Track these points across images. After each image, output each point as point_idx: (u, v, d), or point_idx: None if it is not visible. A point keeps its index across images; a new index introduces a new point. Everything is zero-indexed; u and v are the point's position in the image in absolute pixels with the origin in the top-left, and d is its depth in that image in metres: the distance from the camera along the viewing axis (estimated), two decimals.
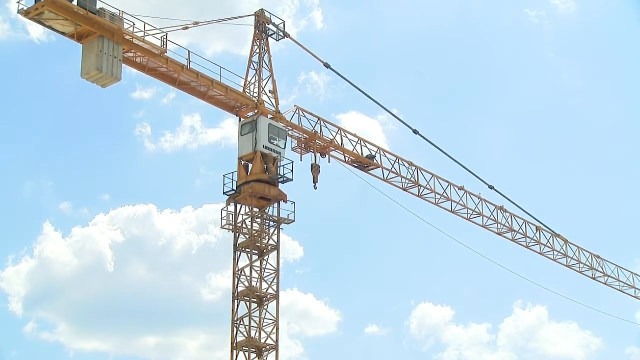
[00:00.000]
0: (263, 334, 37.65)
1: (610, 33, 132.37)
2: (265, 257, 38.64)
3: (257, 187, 37.92)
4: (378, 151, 43.00)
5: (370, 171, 42.90)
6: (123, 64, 35.53)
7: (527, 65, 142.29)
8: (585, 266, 49.41)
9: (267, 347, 37.65)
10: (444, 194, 44.53)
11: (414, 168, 43.68)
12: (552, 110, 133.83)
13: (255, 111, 39.18)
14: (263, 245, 38.58)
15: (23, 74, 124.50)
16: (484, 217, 46.11)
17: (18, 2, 33.08)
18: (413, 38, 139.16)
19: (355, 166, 42.72)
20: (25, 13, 32.99)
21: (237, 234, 38.70)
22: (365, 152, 42.57)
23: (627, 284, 51.86)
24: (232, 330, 37.58)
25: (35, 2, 32.60)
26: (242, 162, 39.00)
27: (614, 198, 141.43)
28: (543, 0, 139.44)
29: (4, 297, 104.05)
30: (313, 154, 40.70)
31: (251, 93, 39.70)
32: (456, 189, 45.06)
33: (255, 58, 40.45)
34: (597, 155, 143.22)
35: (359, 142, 42.44)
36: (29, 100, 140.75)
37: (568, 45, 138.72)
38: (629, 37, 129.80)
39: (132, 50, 35.75)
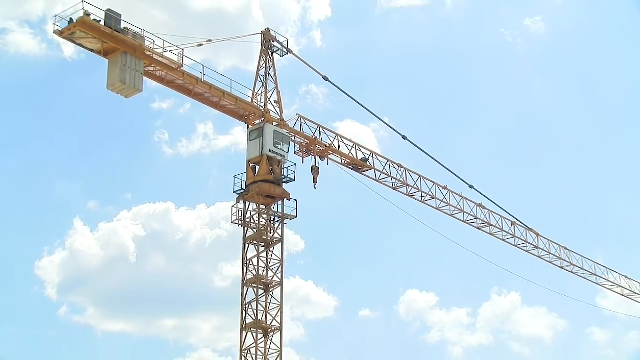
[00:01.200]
0: (269, 317, 37.79)
1: (575, 50, 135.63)
2: (271, 249, 38.76)
3: (263, 186, 38.04)
4: (371, 155, 42.95)
5: (364, 173, 42.87)
6: (144, 77, 35.50)
7: (503, 78, 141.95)
8: (554, 257, 49.56)
9: (273, 328, 37.74)
10: (430, 193, 44.54)
11: (403, 170, 43.69)
12: (526, 118, 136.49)
13: (262, 119, 39.27)
14: (269, 239, 38.71)
15: (57, 87, 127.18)
16: (465, 214, 46.20)
17: (54, 23, 33.45)
18: (402, 55, 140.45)
19: (351, 168, 42.70)
20: (60, 33, 33.36)
21: (246, 229, 38.80)
22: (360, 156, 42.51)
23: (590, 272, 51.94)
24: (242, 314, 37.73)
25: (68, 24, 32.93)
26: (250, 165, 39.05)
27: (579, 197, 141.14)
28: (516, 21, 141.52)
29: (40, 284, 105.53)
30: (313, 157, 40.69)
31: (258, 103, 39.78)
32: (440, 188, 45.07)
33: (262, 72, 40.47)
34: (565, 159, 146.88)
35: (354, 146, 42.43)
36: (62, 110, 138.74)
37: (538, 61, 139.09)
38: (591, 53, 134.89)
39: (152, 65, 35.79)
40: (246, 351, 37.29)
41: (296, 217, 39.41)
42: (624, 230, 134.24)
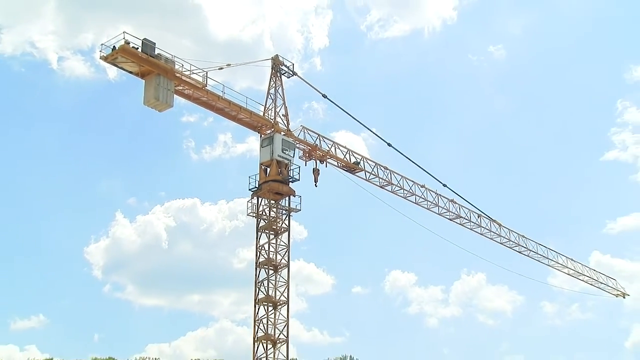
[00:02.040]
0: (277, 293, 38.38)
1: (529, 72, 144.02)
2: (279, 237, 39.25)
3: (273, 185, 38.66)
4: (362, 159, 43.39)
5: (356, 174, 43.29)
6: (174, 95, 36.10)
7: (470, 95, 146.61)
8: (513, 243, 50.22)
9: (281, 302, 38.31)
10: (410, 190, 44.99)
11: (388, 171, 44.17)
12: (489, 128, 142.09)
13: (272, 130, 39.74)
14: (278, 228, 39.23)
15: (103, 103, 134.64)
16: (440, 207, 46.57)
17: (100, 51, 34.36)
18: (387, 77, 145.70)
19: (345, 170, 43.12)
20: (105, 58, 34.14)
21: (259, 220, 39.25)
22: (353, 160, 43.00)
23: (542, 255, 52.59)
24: (255, 290, 38.28)
25: (112, 51, 33.75)
26: (262, 167, 39.47)
27: (534, 193, 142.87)
28: (481, 48, 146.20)
29: (88, 266, 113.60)
30: (314, 161, 41.20)
31: (269, 116, 40.30)
32: (419, 186, 45.47)
33: (272, 91, 41.10)
34: (522, 162, 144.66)
35: (347, 152, 42.95)
36: (107, 122, 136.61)
37: (500, 81, 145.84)
38: (542, 75, 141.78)
39: (181, 85, 36.44)
40: (259, 321, 37.88)
41: (300, 210, 39.97)
42: (570, 221, 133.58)
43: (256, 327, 37.92)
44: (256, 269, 38.72)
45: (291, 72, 41.71)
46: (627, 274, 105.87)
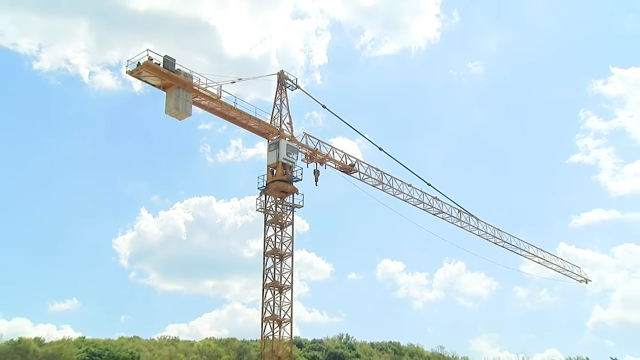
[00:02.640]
0: (283, 279, 38.97)
1: (504, 86, 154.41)
2: (284, 230, 39.87)
3: (279, 184, 39.40)
4: (356, 162, 44.29)
5: (351, 174, 44.19)
6: (192, 105, 36.85)
7: (451, 106, 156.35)
8: (490, 235, 51.18)
9: (286, 287, 38.86)
10: (399, 189, 45.84)
11: (379, 172, 45.00)
12: (469, 135, 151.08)
13: (278, 136, 40.46)
14: (283, 222, 39.85)
15: (129, 112, 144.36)
16: (424, 204, 47.46)
17: (126, 66, 35.33)
18: (379, 90, 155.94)
19: (342, 171, 43.91)
20: (131, 73, 35.07)
21: (266, 215, 39.86)
22: (349, 162, 43.90)
23: (516, 246, 53.69)
24: (263, 276, 38.87)
25: (137, 66, 34.66)
26: (269, 169, 40.19)
27: (508, 192, 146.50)
28: (461, 64, 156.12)
29: (116, 256, 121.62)
30: (315, 163, 42.01)
31: (275, 124, 41.02)
32: (406, 185, 46.32)
33: (278, 102, 41.81)
34: (498, 165, 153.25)
35: (344, 156, 43.73)
36: (132, 129, 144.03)
37: (478, 94, 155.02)
38: (515, 89, 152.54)
39: (198, 96, 37.18)
40: (266, 304, 38.48)
41: (303, 206, 40.65)
42: (540, 216, 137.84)
43: (264, 309, 38.47)
44: (264, 257, 39.22)
45: (295, 86, 42.39)
46: (589, 262, 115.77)
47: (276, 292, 38.99)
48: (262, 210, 40.37)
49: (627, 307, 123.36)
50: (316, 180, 41.83)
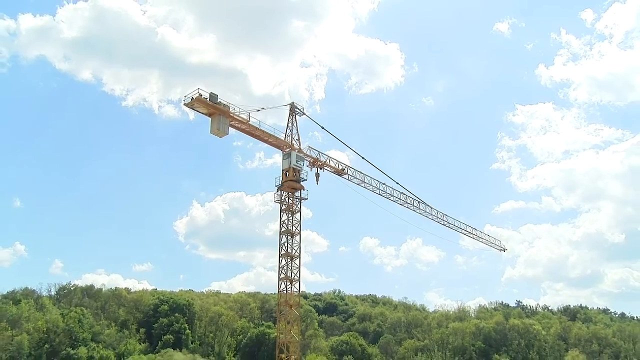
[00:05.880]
0: (293, 250, 39.51)
1: (449, 114, 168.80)
2: (295, 215, 40.37)
3: (290, 183, 40.09)
4: (346, 167, 44.48)
5: (343, 176, 44.38)
6: (229, 127, 37.69)
7: (412, 129, 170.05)
8: (439, 218, 51.14)
9: (295, 256, 39.37)
10: (376, 186, 45.81)
11: (362, 175, 45.07)
12: (425, 149, 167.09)
13: (290, 148, 41.02)
14: (293, 210, 40.43)
15: (186, 133, 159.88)
16: (394, 197, 47.25)
17: (183, 100, 35.93)
18: (363, 117, 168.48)
19: (335, 174, 44.16)
20: (187, 105, 35.87)
21: (281, 205, 40.38)
22: (340, 167, 44.19)
23: (456, 226, 53.49)
24: (279, 248, 39.52)
25: (191, 100, 35.33)
26: (284, 172, 40.74)
27: (451, 188, 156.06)
28: (418, 99, 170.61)
29: (176, 234, 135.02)
30: (316, 168, 42.28)
31: (288, 140, 41.59)
32: (381, 184, 46.10)
33: (290, 124, 42.33)
34: (444, 168, 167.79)
35: (337, 163, 43.95)
36: (188, 145, 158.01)
37: (430, 120, 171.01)
38: (456, 116, 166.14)
39: (233, 121, 37.86)
40: (282, 268, 39.11)
41: (307, 198, 41.29)
42: (473, 205, 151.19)
43: (280, 272, 39.10)
44: (280, 235, 39.84)
45: (302, 113, 42.90)
46: (505, 237, 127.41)
47: (288, 260, 39.62)
48: (279, 201, 40.99)
49: (527, 267, 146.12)
50: (317, 180, 42.33)
